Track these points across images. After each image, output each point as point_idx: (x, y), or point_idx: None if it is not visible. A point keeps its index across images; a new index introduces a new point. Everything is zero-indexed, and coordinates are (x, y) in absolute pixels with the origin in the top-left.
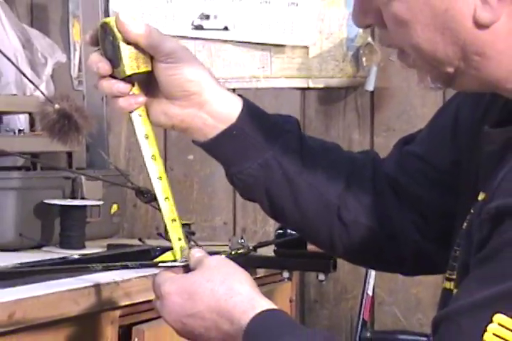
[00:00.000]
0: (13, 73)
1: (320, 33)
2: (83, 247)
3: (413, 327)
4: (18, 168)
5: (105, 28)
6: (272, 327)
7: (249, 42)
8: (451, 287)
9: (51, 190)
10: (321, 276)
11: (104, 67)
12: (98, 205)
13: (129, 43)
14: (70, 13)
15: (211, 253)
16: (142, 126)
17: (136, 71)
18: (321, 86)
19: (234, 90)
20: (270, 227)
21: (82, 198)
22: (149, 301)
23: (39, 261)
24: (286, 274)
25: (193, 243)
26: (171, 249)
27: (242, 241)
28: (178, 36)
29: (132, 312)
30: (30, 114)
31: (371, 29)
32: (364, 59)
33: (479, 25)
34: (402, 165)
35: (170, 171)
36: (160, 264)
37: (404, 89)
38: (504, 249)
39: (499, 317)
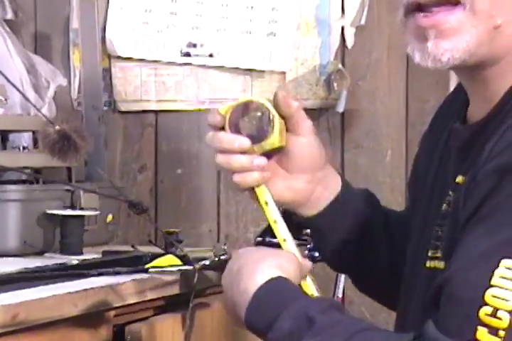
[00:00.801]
0: (18, 95)
1: (295, 60)
2: (81, 253)
3: (380, 325)
4: (23, 182)
5: (249, 105)
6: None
7: (232, 68)
8: (436, 265)
9: (52, 201)
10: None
11: (245, 143)
12: (95, 215)
13: (282, 117)
14: (70, 42)
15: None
16: (264, 195)
17: (282, 144)
18: None
19: None
20: (250, 234)
21: (81, 209)
22: (141, 302)
23: (41, 266)
24: None
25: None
26: (161, 255)
27: (225, 247)
28: (168, 62)
29: (125, 312)
30: (33, 132)
31: (341, 57)
32: (335, 83)
33: None
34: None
35: (160, 183)
36: (150, 269)
37: (371, 111)
38: (506, 201)
39: (506, 262)
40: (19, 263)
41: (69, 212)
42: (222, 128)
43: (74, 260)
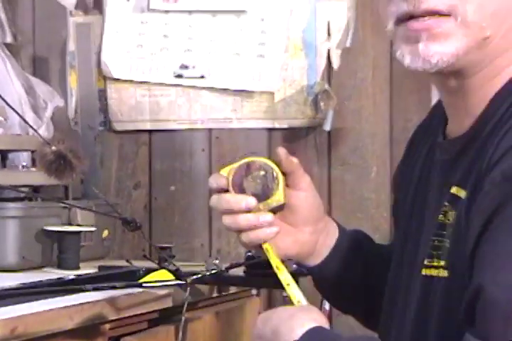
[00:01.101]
0: (16, 116)
1: (284, 80)
2: (78, 268)
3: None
4: (22, 199)
5: (251, 165)
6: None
7: (222, 89)
8: (435, 273)
9: (50, 218)
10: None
11: (252, 202)
12: (91, 231)
13: (283, 174)
14: (67, 64)
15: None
16: (273, 258)
17: (285, 201)
18: (285, 126)
19: (210, 130)
20: (241, 249)
21: (77, 225)
22: (135, 315)
23: (39, 281)
24: (254, 291)
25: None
26: (154, 270)
27: (217, 261)
28: (161, 83)
29: (120, 325)
30: (32, 151)
31: (327, 78)
32: (322, 103)
33: None
34: None
35: (154, 200)
36: (144, 284)
37: (357, 129)
38: None
39: None
40: (18, 278)
41: (66, 228)
42: (226, 190)
43: (71, 275)
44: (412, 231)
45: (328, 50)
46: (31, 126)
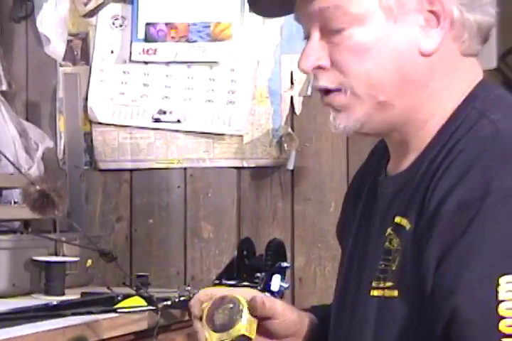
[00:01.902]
0: (10, 156)
1: (251, 124)
2: (63, 294)
3: None
4: (13, 232)
5: (224, 298)
6: None
7: (196, 132)
8: (383, 293)
9: (38, 249)
10: None
11: (207, 335)
12: (75, 261)
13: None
14: (57, 110)
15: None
16: None
17: (251, 336)
18: (252, 165)
19: (185, 169)
20: (213, 276)
21: (63, 255)
22: (113, 337)
23: (27, 307)
24: None
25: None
26: (132, 296)
27: (189, 288)
28: (141, 127)
29: None
30: (23, 188)
31: (291, 122)
32: (285, 145)
33: (422, 53)
34: None
35: (135, 232)
36: (118, 310)
37: (317, 168)
38: (481, 229)
39: (505, 278)
40: (8, 304)
41: (52, 258)
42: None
43: (55, 300)
44: (355, 260)
45: (291, 98)
46: (18, 168)
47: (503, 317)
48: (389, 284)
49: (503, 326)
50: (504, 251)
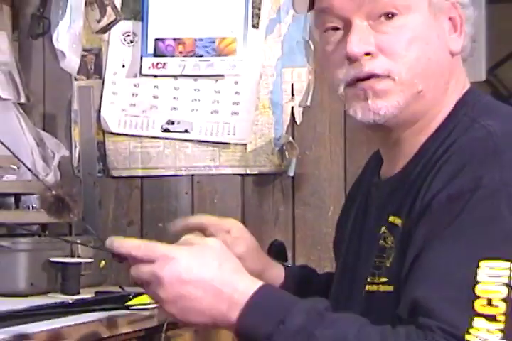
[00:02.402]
0: (29, 164)
1: (254, 134)
2: (78, 293)
3: None
4: (32, 235)
5: None
6: (281, 294)
7: (203, 141)
8: (376, 289)
9: (55, 251)
10: None
11: None
12: (90, 262)
13: None
14: (72, 121)
15: None
16: None
17: None
18: (255, 172)
19: (193, 176)
20: None
21: (78, 257)
22: (125, 333)
23: (44, 305)
24: None
25: None
26: (142, 294)
27: None
28: (151, 137)
29: None
30: (40, 194)
31: (291, 131)
32: (286, 153)
33: (451, 52)
34: None
35: (145, 235)
36: (129, 307)
37: (316, 175)
38: (467, 219)
39: (484, 263)
40: (27, 302)
41: (68, 260)
42: None
43: (70, 299)
44: (351, 258)
45: (292, 108)
46: (36, 175)
47: (478, 297)
48: (383, 280)
49: (477, 305)
50: (489, 238)
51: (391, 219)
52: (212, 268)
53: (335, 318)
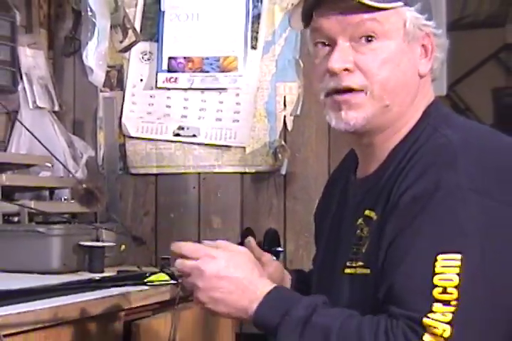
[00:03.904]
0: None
1: (252, 138)
2: (103, 272)
3: None
4: (64, 222)
5: None
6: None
7: (208, 144)
8: (357, 271)
9: (83, 236)
10: None
11: None
12: (112, 246)
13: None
14: (97, 126)
15: None
16: None
17: None
18: (253, 171)
19: (199, 173)
20: None
21: (103, 241)
22: (143, 306)
23: (75, 281)
24: None
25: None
26: (157, 273)
27: None
28: (164, 140)
29: (132, 313)
30: (71, 188)
31: (283, 137)
32: (279, 155)
33: (419, 74)
34: None
35: (159, 224)
36: (148, 283)
37: (304, 174)
38: (428, 216)
39: (441, 256)
40: (60, 278)
41: (94, 243)
42: None
43: (97, 276)
44: (330, 246)
45: (284, 117)
46: (69, 171)
47: (436, 286)
48: (360, 263)
49: (436, 293)
50: (445, 235)
51: (367, 212)
52: (244, 269)
53: (328, 310)
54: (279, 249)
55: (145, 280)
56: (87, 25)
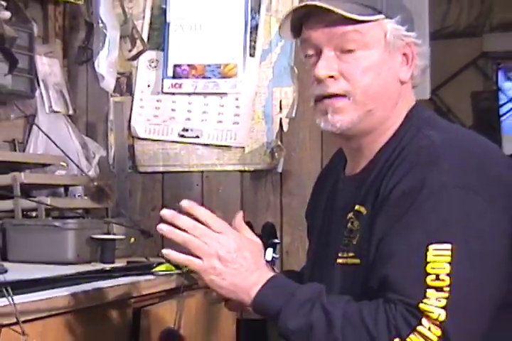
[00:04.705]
0: (76, 162)
1: (251, 139)
2: (113, 262)
3: None
4: (77, 217)
5: None
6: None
7: (210, 144)
8: (348, 261)
9: (95, 230)
10: None
11: None
12: (122, 238)
13: None
14: (108, 128)
15: None
16: None
17: None
18: (252, 169)
19: (202, 172)
20: None
21: (113, 234)
22: (150, 293)
23: (88, 271)
24: None
25: None
26: (163, 263)
27: None
28: (170, 141)
29: (141, 300)
30: (84, 185)
31: (280, 137)
32: (276, 154)
33: (400, 81)
34: None
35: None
36: (154, 273)
37: (299, 171)
38: (418, 210)
39: (433, 246)
40: (74, 268)
41: (105, 236)
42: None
43: (108, 267)
44: (322, 238)
45: (280, 119)
46: (82, 170)
47: (429, 274)
48: (351, 254)
49: (429, 280)
50: (434, 227)
51: (357, 207)
52: (256, 255)
53: (330, 295)
54: (276, 241)
55: (152, 270)
56: (99, 35)
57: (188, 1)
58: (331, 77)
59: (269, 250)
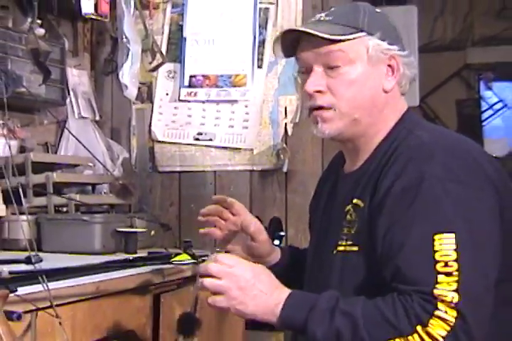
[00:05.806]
0: (102, 162)
1: (259, 142)
2: (136, 253)
3: None
4: (103, 212)
5: None
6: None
7: (222, 147)
8: (347, 249)
9: (119, 223)
10: None
11: None
12: (143, 231)
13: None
14: (131, 132)
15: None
16: None
17: None
18: (260, 169)
19: (215, 171)
20: None
21: (136, 227)
22: (169, 281)
23: (113, 260)
24: None
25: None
26: (180, 254)
27: (218, 249)
28: (186, 143)
29: (161, 286)
30: (110, 184)
31: (285, 140)
32: (281, 155)
33: (384, 90)
34: None
35: (182, 213)
36: (173, 262)
37: (302, 171)
38: (419, 204)
39: (438, 236)
40: (101, 258)
41: (129, 229)
42: None
43: (131, 256)
44: (323, 230)
45: (285, 124)
46: (108, 170)
47: (438, 261)
48: (350, 243)
49: (438, 267)
50: (436, 218)
51: (355, 201)
52: (270, 275)
53: (346, 300)
54: (282, 233)
55: (171, 260)
56: (123, 49)
57: (202, 18)
58: (319, 91)
59: (276, 242)
